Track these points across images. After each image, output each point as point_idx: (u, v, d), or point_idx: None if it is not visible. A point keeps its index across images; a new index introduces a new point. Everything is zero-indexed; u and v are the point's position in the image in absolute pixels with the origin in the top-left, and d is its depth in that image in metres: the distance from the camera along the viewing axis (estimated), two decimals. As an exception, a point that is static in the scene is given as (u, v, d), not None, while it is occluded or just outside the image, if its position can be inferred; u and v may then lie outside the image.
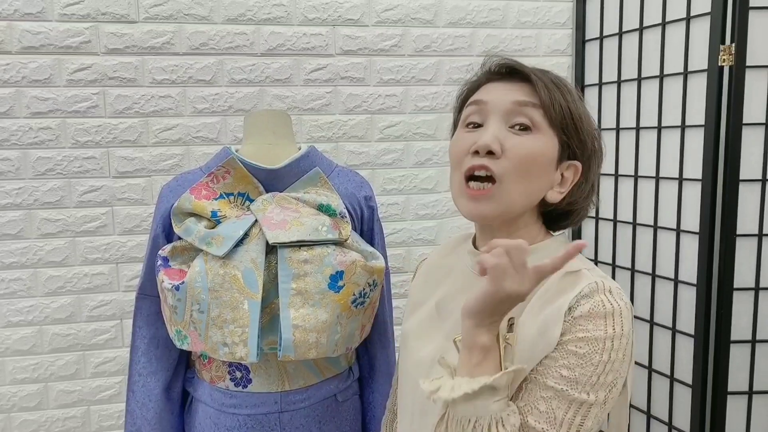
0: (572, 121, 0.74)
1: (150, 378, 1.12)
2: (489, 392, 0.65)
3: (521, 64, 0.76)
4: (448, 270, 0.87)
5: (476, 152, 0.73)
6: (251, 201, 1.08)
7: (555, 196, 0.76)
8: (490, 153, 0.72)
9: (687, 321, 1.60)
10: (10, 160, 1.62)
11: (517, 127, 0.73)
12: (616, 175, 1.81)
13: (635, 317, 1.77)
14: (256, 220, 1.04)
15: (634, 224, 1.75)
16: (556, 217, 0.81)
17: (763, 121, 1.47)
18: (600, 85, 1.86)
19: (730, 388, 1.54)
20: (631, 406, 1.68)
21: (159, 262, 1.05)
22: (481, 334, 0.67)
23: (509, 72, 0.78)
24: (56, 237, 1.67)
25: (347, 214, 1.09)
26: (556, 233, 0.82)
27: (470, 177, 0.74)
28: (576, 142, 0.75)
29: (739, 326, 1.53)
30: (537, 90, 0.74)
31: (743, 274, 1.52)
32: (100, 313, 1.71)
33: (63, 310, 1.69)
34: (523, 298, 0.66)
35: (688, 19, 1.55)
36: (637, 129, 1.73)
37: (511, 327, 0.71)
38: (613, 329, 0.67)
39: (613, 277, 1.84)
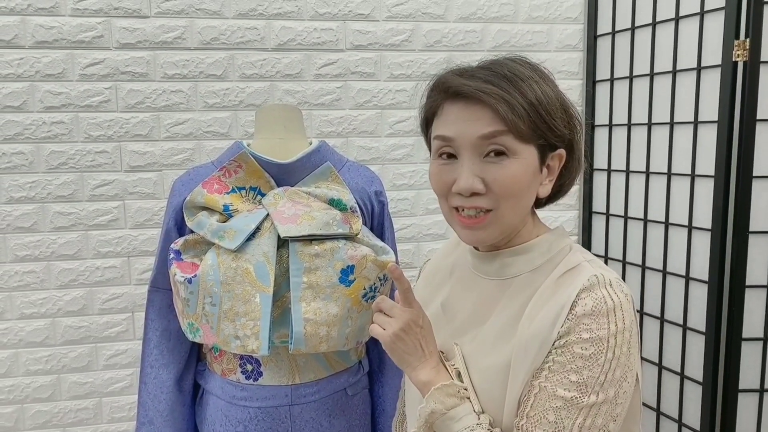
0: (543, 122, 0.70)
1: (162, 370, 1.13)
2: (439, 417, 0.72)
3: (470, 88, 0.70)
4: (450, 270, 0.88)
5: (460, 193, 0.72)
6: (263, 195, 1.08)
7: (545, 189, 0.76)
8: (474, 193, 0.71)
9: (698, 318, 1.59)
10: (24, 153, 1.64)
11: (492, 155, 0.70)
12: (628, 171, 1.80)
13: (646, 314, 1.76)
14: (267, 214, 1.04)
15: (645, 221, 1.74)
16: (546, 198, 0.80)
17: (778, 117, 1.46)
18: (612, 80, 1.85)
19: (741, 386, 1.53)
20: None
21: (171, 256, 1.06)
22: (418, 374, 0.75)
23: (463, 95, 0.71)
24: (69, 230, 1.68)
25: (358, 209, 1.09)
26: (554, 227, 0.81)
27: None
28: (553, 138, 0.72)
29: (751, 324, 1.52)
30: (499, 114, 0.69)
31: (755, 271, 1.50)
32: (112, 305, 1.72)
33: (75, 302, 1.70)
34: (418, 322, 0.75)
35: (701, 14, 1.54)
36: (649, 125, 1.71)
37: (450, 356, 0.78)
38: (616, 325, 0.67)
39: (624, 273, 1.83)
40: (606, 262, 1.89)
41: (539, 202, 0.80)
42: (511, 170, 0.70)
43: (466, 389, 0.74)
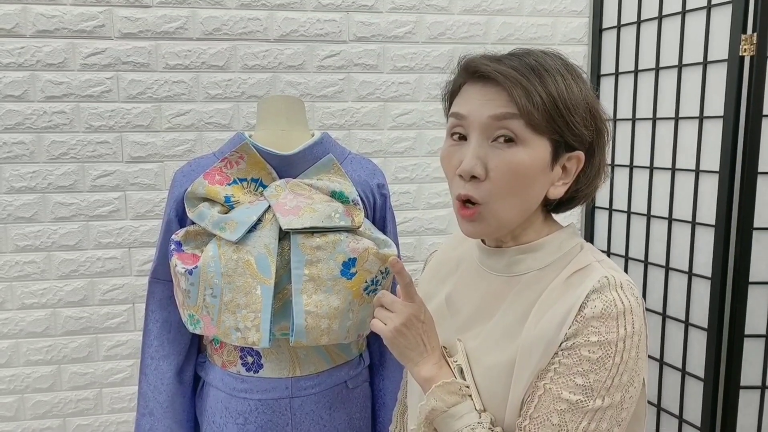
0: (561, 116, 0.68)
1: (162, 361, 1.13)
2: (440, 414, 0.71)
3: (490, 68, 0.69)
4: (457, 263, 0.86)
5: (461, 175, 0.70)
6: (264, 187, 1.08)
7: (558, 191, 0.73)
8: (474, 177, 0.69)
9: (700, 314, 1.58)
10: (25, 143, 1.63)
11: (501, 140, 0.68)
12: (631, 166, 1.79)
13: (648, 310, 1.75)
14: (269, 206, 1.04)
15: (649, 216, 1.73)
16: (559, 202, 0.78)
17: (784, 112, 1.45)
18: (616, 74, 1.83)
19: (742, 383, 1.52)
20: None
21: (172, 247, 1.06)
22: (419, 370, 0.74)
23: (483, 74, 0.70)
24: (70, 221, 1.68)
25: (360, 202, 1.08)
26: (566, 224, 0.79)
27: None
28: (570, 136, 0.70)
29: (753, 320, 1.51)
30: (513, 97, 0.67)
31: (759, 267, 1.50)
32: (112, 296, 1.72)
33: (76, 293, 1.70)
34: (420, 317, 0.75)
35: (708, 7, 1.52)
36: (654, 120, 1.70)
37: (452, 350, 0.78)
38: (625, 329, 0.65)
39: (626, 268, 1.83)
40: (608, 257, 1.88)
41: (553, 205, 0.77)
42: (515, 159, 0.68)
43: (467, 387, 0.73)
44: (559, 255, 0.74)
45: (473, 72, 0.72)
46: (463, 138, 0.72)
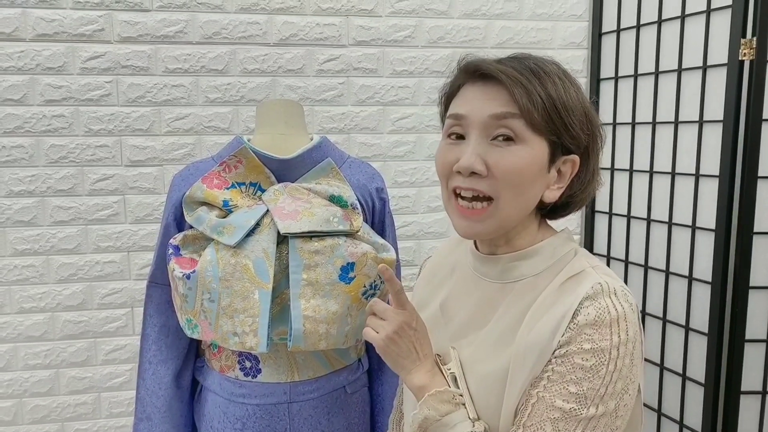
0: (559, 117, 0.68)
1: (160, 366, 1.12)
2: (433, 423, 0.71)
3: (492, 67, 0.69)
4: (452, 269, 0.86)
5: (460, 172, 0.70)
6: (263, 191, 1.08)
7: (553, 194, 0.73)
8: (474, 173, 0.69)
9: (701, 319, 1.58)
10: (24, 147, 1.63)
11: (500, 139, 0.69)
12: (631, 170, 1.79)
13: (648, 314, 1.75)
14: (267, 210, 1.04)
15: (649, 220, 1.73)
16: (554, 208, 0.77)
17: (784, 116, 1.45)
18: (616, 78, 1.83)
19: (743, 388, 1.52)
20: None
21: (170, 251, 1.05)
22: (412, 378, 0.74)
23: (484, 74, 0.71)
24: (68, 225, 1.68)
25: (359, 206, 1.08)
26: (560, 229, 0.79)
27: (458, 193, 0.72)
28: (567, 138, 0.70)
29: (754, 325, 1.51)
30: (514, 96, 0.67)
31: (759, 272, 1.49)
32: (111, 300, 1.72)
33: (75, 297, 1.70)
34: (411, 324, 0.74)
35: (708, 12, 1.52)
36: (654, 124, 1.70)
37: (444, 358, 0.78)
38: (619, 336, 0.64)
39: (626, 273, 1.82)
40: (608, 262, 1.88)
41: (548, 210, 0.77)
42: (516, 157, 0.68)
43: (461, 395, 0.72)
44: (553, 261, 0.74)
45: (473, 72, 0.71)
46: (460, 137, 0.72)
